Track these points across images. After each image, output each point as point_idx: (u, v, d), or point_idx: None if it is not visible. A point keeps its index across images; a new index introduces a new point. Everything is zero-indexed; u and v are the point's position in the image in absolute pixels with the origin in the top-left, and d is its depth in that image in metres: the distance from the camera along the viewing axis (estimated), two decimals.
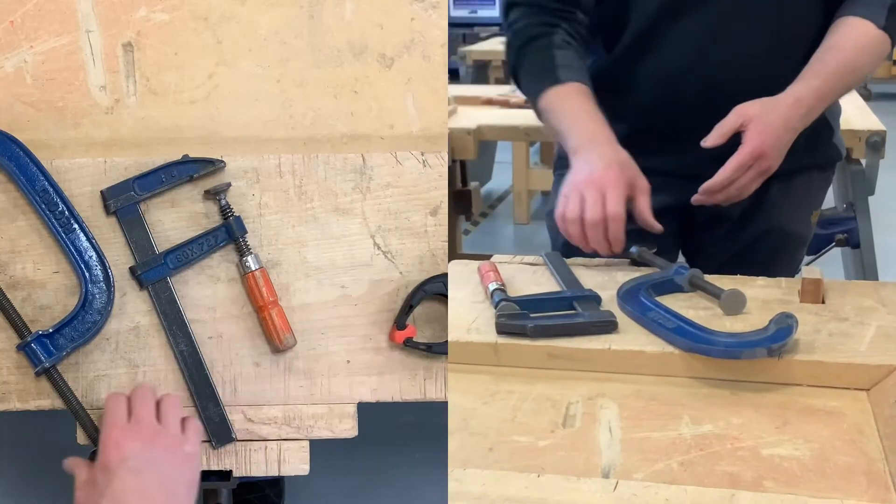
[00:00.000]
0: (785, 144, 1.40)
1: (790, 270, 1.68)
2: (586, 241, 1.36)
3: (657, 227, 1.38)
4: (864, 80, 1.51)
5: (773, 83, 1.43)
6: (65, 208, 1.11)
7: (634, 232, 1.62)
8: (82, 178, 1.14)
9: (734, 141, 1.39)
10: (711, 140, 1.39)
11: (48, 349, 1.10)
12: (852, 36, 1.43)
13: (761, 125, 1.36)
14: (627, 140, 1.44)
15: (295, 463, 1.16)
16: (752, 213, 1.60)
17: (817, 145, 1.58)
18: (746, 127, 1.37)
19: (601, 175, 1.35)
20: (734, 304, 1.25)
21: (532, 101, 1.54)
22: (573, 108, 1.47)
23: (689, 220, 1.66)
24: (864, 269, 2.62)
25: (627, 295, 1.28)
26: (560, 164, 1.76)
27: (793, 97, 1.40)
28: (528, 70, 1.54)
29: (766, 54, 1.50)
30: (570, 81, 1.48)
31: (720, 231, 1.65)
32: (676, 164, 1.55)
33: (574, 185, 1.37)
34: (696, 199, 1.43)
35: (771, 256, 1.63)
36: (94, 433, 1.11)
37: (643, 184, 1.39)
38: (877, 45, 1.44)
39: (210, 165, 1.14)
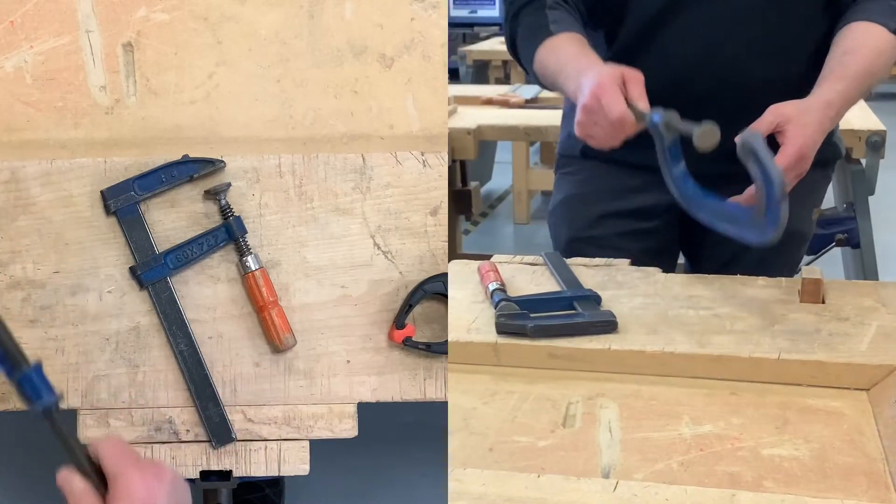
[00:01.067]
0: (817, 148, 1.40)
1: (791, 269, 1.68)
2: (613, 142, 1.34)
3: (645, 108, 1.32)
4: (878, 84, 1.51)
5: (781, 81, 1.42)
6: None
7: (637, 232, 1.63)
8: (82, 178, 1.14)
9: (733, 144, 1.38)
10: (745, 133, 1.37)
11: None
12: (867, 40, 1.43)
13: (800, 126, 1.34)
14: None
15: (295, 463, 1.16)
16: None
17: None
18: (784, 128, 1.34)
19: (592, 93, 1.31)
20: (708, 138, 1.21)
21: (528, 67, 1.52)
22: (561, 58, 1.45)
23: (691, 218, 1.66)
24: (864, 269, 2.61)
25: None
26: (561, 163, 1.77)
27: (823, 101, 1.38)
28: (522, 36, 1.53)
29: (774, 52, 1.50)
30: (560, 33, 1.46)
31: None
32: None
33: (581, 125, 1.34)
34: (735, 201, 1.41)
35: (773, 254, 1.62)
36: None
37: (632, 73, 1.34)
38: (890, 49, 1.43)
39: (210, 165, 1.14)
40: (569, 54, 1.45)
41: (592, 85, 1.32)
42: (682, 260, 1.76)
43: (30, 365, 0.85)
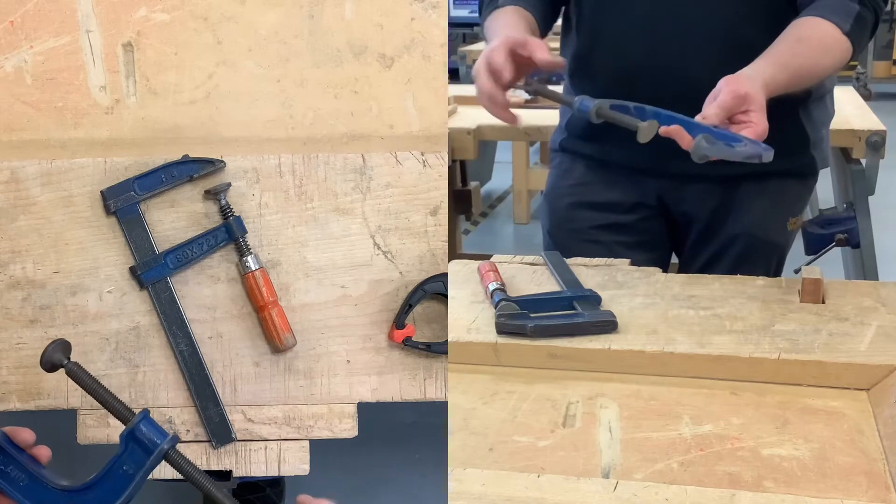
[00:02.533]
0: None
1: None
2: (498, 110, 1.36)
3: (559, 61, 1.36)
4: (816, 83, 1.49)
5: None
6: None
7: (614, 226, 1.64)
8: (82, 178, 1.14)
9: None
10: (713, 120, 1.32)
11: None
12: (819, 34, 1.40)
13: (762, 112, 1.31)
14: (593, 128, 1.43)
15: (295, 463, 1.16)
16: (721, 215, 1.60)
17: (791, 152, 1.57)
18: (750, 110, 1.30)
19: (486, 52, 1.36)
20: (648, 133, 1.26)
21: (483, 35, 1.58)
22: (498, 25, 1.50)
23: (667, 217, 1.67)
24: (864, 269, 2.61)
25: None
26: (550, 157, 1.79)
27: (768, 91, 1.34)
28: (485, 5, 1.59)
29: (717, 50, 1.49)
30: (507, 5, 1.52)
31: (693, 233, 1.65)
32: (638, 158, 1.55)
33: (475, 78, 1.39)
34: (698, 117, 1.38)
35: (743, 262, 1.61)
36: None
37: (531, 39, 1.37)
38: (840, 49, 1.40)
39: (210, 165, 1.14)
40: (499, 26, 1.49)
41: (488, 51, 1.36)
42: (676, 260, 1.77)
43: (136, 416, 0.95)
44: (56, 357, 0.99)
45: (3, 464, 0.92)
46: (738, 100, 1.27)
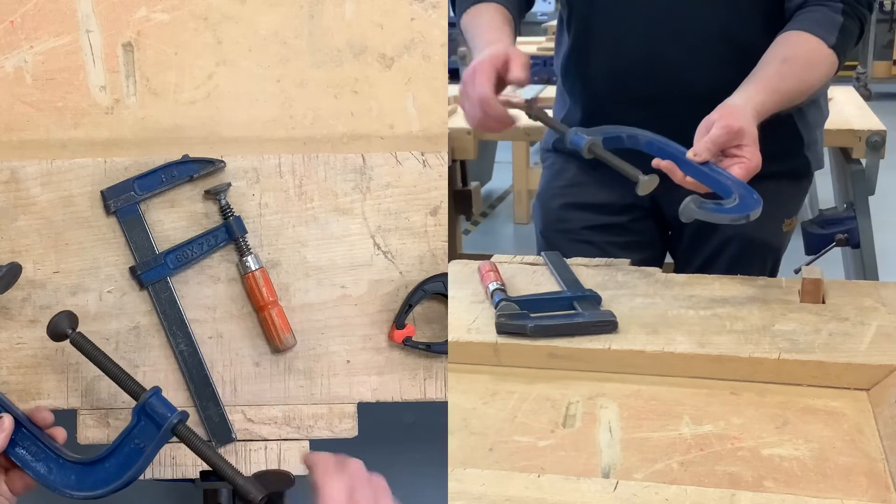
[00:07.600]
0: None
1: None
2: (485, 126, 1.40)
3: (521, 76, 1.38)
4: (804, 99, 1.49)
5: (723, 92, 1.36)
6: None
7: (607, 226, 1.64)
8: (82, 178, 1.14)
9: (682, 136, 1.35)
10: (705, 155, 1.30)
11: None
12: (805, 51, 1.39)
13: (756, 146, 1.30)
14: (585, 126, 1.45)
15: (295, 463, 1.16)
16: None
17: (785, 154, 1.57)
18: (743, 145, 1.30)
19: (472, 68, 1.38)
20: (648, 186, 1.29)
21: (458, 22, 1.59)
22: (480, 26, 1.52)
23: (660, 218, 1.67)
24: (864, 269, 2.61)
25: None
26: (542, 156, 1.79)
27: (760, 117, 1.34)
28: (458, 2, 1.61)
29: (711, 50, 1.49)
30: (486, 1, 1.54)
31: (686, 236, 1.65)
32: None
33: (459, 98, 1.42)
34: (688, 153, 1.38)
35: (738, 263, 1.61)
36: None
37: (515, 52, 1.39)
38: (827, 64, 1.40)
39: (210, 165, 1.14)
40: (482, 26, 1.51)
41: (474, 62, 1.38)
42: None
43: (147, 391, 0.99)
44: (62, 327, 1.02)
45: (22, 440, 0.98)
46: (732, 135, 1.27)
